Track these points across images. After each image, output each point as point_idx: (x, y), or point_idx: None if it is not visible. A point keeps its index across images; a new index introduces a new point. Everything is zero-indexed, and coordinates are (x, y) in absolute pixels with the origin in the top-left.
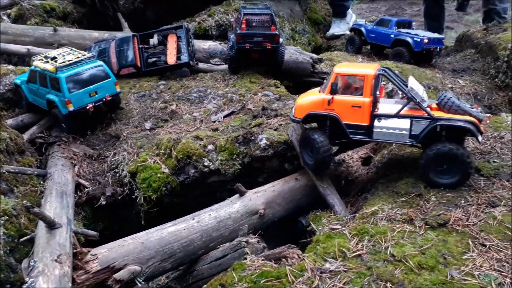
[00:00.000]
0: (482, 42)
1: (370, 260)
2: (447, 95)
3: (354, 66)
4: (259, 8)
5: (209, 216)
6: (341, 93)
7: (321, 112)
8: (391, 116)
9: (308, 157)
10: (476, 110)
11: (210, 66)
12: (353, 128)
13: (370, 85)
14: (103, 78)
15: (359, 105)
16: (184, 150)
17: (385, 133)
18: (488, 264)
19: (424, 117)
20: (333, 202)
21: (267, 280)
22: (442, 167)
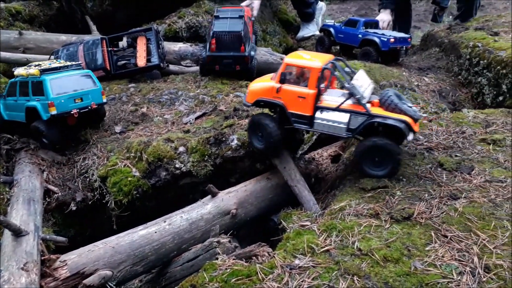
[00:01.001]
0: (446, 41)
1: (338, 254)
2: (388, 93)
3: (304, 58)
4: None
5: (180, 218)
6: (294, 81)
7: (269, 99)
8: (332, 109)
9: (257, 141)
10: (413, 110)
11: (181, 68)
12: (297, 117)
13: (316, 78)
14: (90, 86)
15: (304, 96)
16: (155, 153)
17: (325, 125)
18: (449, 254)
19: (362, 113)
20: (304, 199)
21: (238, 279)
22: (375, 159)
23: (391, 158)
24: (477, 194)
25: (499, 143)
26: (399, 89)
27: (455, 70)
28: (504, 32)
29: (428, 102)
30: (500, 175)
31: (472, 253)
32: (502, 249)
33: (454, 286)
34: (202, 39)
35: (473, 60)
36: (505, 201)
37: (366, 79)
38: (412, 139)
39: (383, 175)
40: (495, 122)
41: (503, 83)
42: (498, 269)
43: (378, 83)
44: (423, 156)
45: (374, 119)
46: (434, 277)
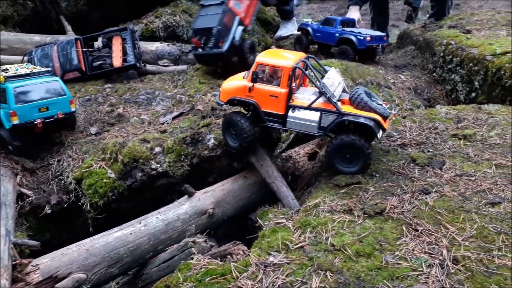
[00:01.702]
0: (421, 39)
1: (312, 251)
2: (358, 91)
3: (276, 56)
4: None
5: (156, 219)
6: (267, 80)
7: (242, 98)
8: (304, 108)
9: (232, 140)
10: (383, 107)
11: (159, 67)
12: (270, 116)
13: (287, 77)
14: (58, 94)
15: (276, 95)
16: (130, 154)
17: (297, 123)
18: (419, 248)
19: (332, 111)
20: (283, 195)
21: (212, 278)
22: (346, 156)
23: (361, 154)
24: (447, 188)
25: (470, 138)
26: (375, 86)
27: (430, 67)
28: (476, 30)
29: (403, 99)
30: (470, 169)
31: (442, 245)
32: (470, 241)
33: (424, 278)
34: (180, 38)
35: (447, 58)
36: (474, 194)
37: (337, 78)
38: (382, 136)
39: (355, 171)
40: (466, 117)
41: (475, 80)
42: (465, 260)
43: (354, 81)
44: (396, 152)
45: (344, 118)
46: (404, 270)
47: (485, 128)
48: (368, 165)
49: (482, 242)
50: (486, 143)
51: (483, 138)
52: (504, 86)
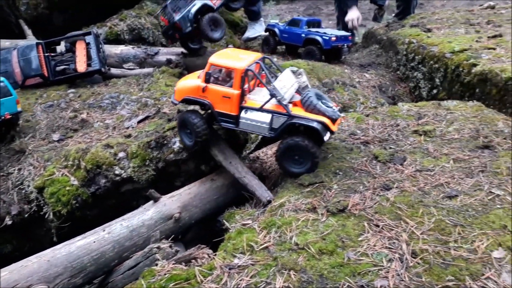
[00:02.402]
0: (384, 38)
1: (276, 251)
2: (308, 94)
3: (230, 57)
4: None
5: (121, 226)
6: (222, 80)
7: (196, 98)
8: (256, 109)
9: (187, 139)
10: (332, 110)
11: (124, 71)
12: (223, 116)
13: (239, 78)
14: (3, 95)
15: (229, 96)
16: (93, 160)
17: (249, 124)
18: (380, 243)
19: (283, 113)
20: (255, 187)
21: (176, 283)
22: (294, 157)
23: (308, 155)
24: (407, 184)
25: (430, 134)
26: (341, 86)
27: (393, 65)
28: (436, 28)
29: (368, 97)
30: (429, 164)
31: (401, 240)
32: (428, 234)
33: (384, 273)
34: (146, 41)
35: (409, 56)
36: (432, 188)
37: (290, 79)
38: (329, 138)
39: (305, 171)
40: (426, 114)
41: (436, 77)
42: (424, 253)
43: (321, 81)
44: (359, 150)
45: (293, 120)
46: (365, 266)
47: (444, 123)
48: (316, 164)
49: (439, 235)
50: (445, 138)
51: (442, 134)
52: (462, 82)
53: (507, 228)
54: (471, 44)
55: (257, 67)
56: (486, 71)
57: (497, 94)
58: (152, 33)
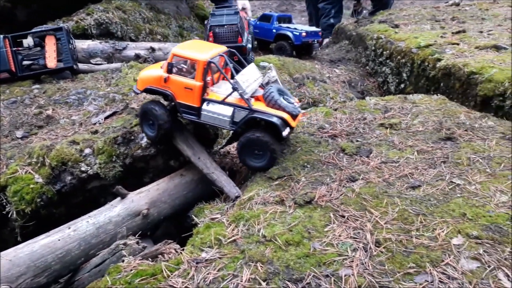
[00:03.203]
0: (354, 34)
1: (244, 243)
2: (270, 89)
3: (193, 48)
4: (228, 13)
5: (87, 223)
6: (186, 71)
7: (158, 88)
8: (218, 102)
9: (150, 130)
10: (293, 106)
11: (91, 66)
12: (185, 108)
13: (202, 70)
14: None
15: (191, 88)
16: (58, 157)
17: (211, 117)
18: (346, 233)
19: (244, 107)
20: (224, 183)
21: (142, 279)
22: (254, 152)
23: (267, 150)
24: (373, 175)
25: (395, 126)
26: (311, 81)
27: (363, 61)
28: (404, 24)
29: (337, 92)
30: (394, 156)
31: (366, 230)
32: (392, 223)
33: (349, 262)
34: (114, 36)
35: (378, 51)
36: (397, 179)
37: (254, 74)
38: (288, 133)
39: (263, 166)
40: (393, 107)
41: (403, 72)
42: (387, 242)
43: (291, 76)
44: (327, 143)
45: (254, 114)
46: (331, 256)
47: (410, 117)
48: (274, 159)
49: (402, 224)
50: (410, 131)
51: (407, 127)
52: (428, 76)
53: (466, 216)
54: (436, 40)
55: (222, 60)
56: (449, 66)
57: (460, 88)
58: (120, 27)
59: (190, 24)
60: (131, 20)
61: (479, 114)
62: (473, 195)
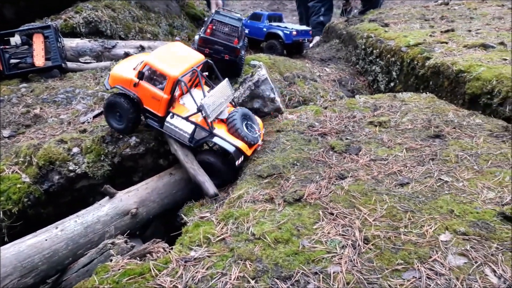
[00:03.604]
0: (344, 33)
1: (233, 242)
2: (234, 115)
3: (167, 60)
4: (231, 17)
5: (74, 223)
6: (155, 80)
7: (127, 90)
8: (181, 117)
9: (116, 122)
10: (252, 136)
11: (80, 65)
12: (150, 114)
13: (171, 85)
14: None
15: (158, 99)
16: (46, 156)
17: (172, 129)
18: (335, 231)
19: (205, 129)
20: (203, 180)
21: (130, 278)
22: (209, 172)
23: (219, 173)
24: (362, 173)
25: (384, 124)
26: (301, 80)
27: (353, 60)
28: (393, 23)
29: (327, 91)
30: (383, 154)
31: (355, 227)
32: (381, 221)
33: (337, 259)
34: (103, 34)
35: (368, 50)
36: (385, 177)
37: (224, 92)
38: (240, 163)
39: (217, 184)
40: (382, 105)
41: (393, 70)
42: (375, 239)
43: (282, 75)
44: (317, 141)
45: (212, 138)
46: (319, 253)
47: (399, 114)
48: (226, 181)
49: (391, 221)
50: (399, 129)
51: (396, 124)
52: (417, 75)
53: (453, 212)
54: (425, 38)
55: (195, 75)
56: (438, 64)
57: (449, 86)
58: (110, 26)
59: (180, 22)
60: (120, 19)
61: (467, 112)
62: (461, 192)
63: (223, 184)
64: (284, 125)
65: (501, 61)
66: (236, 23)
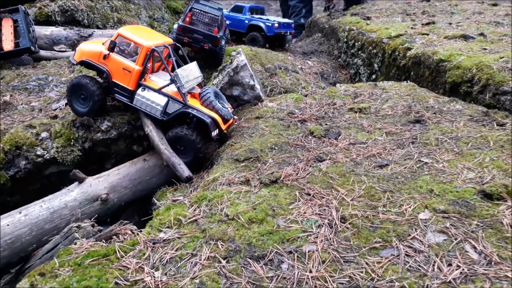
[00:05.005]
0: (326, 26)
1: (205, 223)
2: (207, 90)
3: (140, 34)
4: (211, 6)
5: (40, 208)
6: (128, 53)
7: (95, 63)
8: (154, 90)
9: (80, 106)
10: (226, 110)
11: (54, 53)
12: (119, 88)
13: (144, 56)
14: None
15: (129, 70)
16: (12, 141)
17: (143, 103)
18: (311, 211)
19: (179, 101)
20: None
21: (93, 260)
22: (181, 147)
23: (191, 148)
24: (340, 156)
25: (365, 111)
26: (283, 71)
27: (335, 53)
28: (375, 17)
29: (309, 82)
30: (363, 138)
31: (331, 207)
32: (358, 200)
33: (313, 238)
34: (80, 23)
35: (350, 43)
36: (364, 159)
37: (195, 72)
38: (216, 135)
39: (187, 162)
40: (362, 93)
41: (375, 62)
42: (353, 218)
43: (264, 66)
44: (296, 127)
45: (187, 109)
46: (295, 232)
47: (379, 101)
48: (198, 158)
49: (369, 201)
50: (379, 115)
51: (376, 111)
52: (398, 66)
53: (433, 192)
54: (407, 30)
55: (166, 52)
56: (419, 54)
57: (430, 76)
58: (87, 15)
59: (161, 15)
60: (98, 8)
61: (447, 99)
62: (441, 173)
63: (195, 160)
64: (263, 112)
65: (481, 51)
66: (216, 12)
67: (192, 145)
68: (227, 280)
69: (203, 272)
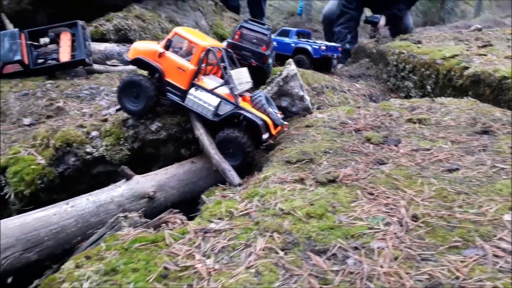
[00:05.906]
0: (374, 51)
1: (258, 216)
2: (259, 93)
3: (196, 35)
4: (259, 25)
5: (87, 201)
6: (181, 55)
7: (149, 61)
8: (206, 90)
9: (132, 104)
10: (276, 115)
11: (107, 67)
12: (171, 87)
13: (199, 55)
14: None
15: (184, 69)
16: (63, 138)
17: (195, 102)
18: (376, 209)
19: (231, 102)
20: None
21: (141, 245)
22: (230, 150)
23: (241, 151)
24: (404, 160)
25: (425, 121)
26: (330, 90)
27: (384, 77)
28: (426, 42)
29: (358, 101)
30: (426, 145)
31: (399, 206)
32: (430, 201)
33: (381, 235)
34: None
35: (400, 66)
36: (431, 164)
37: (246, 76)
38: (267, 138)
39: (235, 165)
40: (420, 107)
41: (427, 84)
42: (425, 217)
43: (310, 85)
44: (351, 134)
45: (239, 111)
46: (360, 229)
47: (439, 114)
48: (246, 162)
49: (442, 202)
50: (440, 126)
51: (437, 122)
52: (454, 86)
53: None
54: (462, 51)
55: (219, 54)
56: (478, 73)
57: (491, 94)
58: (139, 35)
59: None
60: (150, 29)
61: None
62: None
63: (243, 164)
64: (313, 121)
65: None
66: (265, 31)
67: (242, 148)
68: (286, 271)
69: (259, 262)
